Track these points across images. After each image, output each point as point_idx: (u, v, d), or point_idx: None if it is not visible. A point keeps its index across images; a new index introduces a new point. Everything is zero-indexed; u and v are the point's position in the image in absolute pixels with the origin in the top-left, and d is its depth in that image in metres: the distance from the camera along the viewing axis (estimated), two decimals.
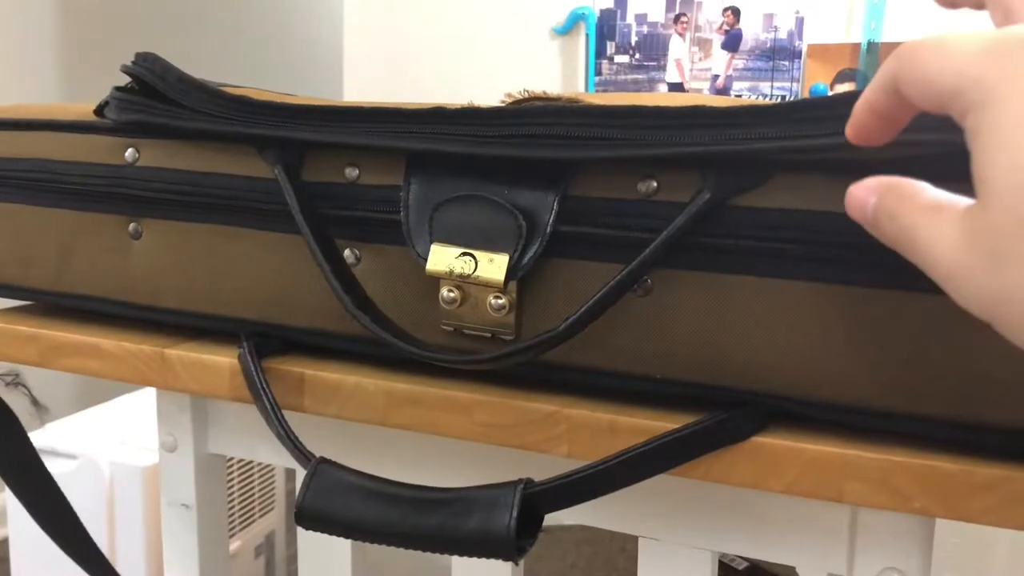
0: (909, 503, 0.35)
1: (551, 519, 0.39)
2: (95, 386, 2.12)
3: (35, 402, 0.54)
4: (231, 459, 1.32)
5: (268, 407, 0.44)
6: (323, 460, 0.40)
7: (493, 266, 0.41)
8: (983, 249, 0.26)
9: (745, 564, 0.87)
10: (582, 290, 0.40)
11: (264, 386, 0.44)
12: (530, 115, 0.40)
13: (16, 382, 0.51)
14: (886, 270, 0.35)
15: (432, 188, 0.43)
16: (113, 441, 1.30)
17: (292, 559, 1.57)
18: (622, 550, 0.95)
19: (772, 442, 0.37)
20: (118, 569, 1.31)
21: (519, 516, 0.36)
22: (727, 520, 0.44)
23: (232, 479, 1.37)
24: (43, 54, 2.16)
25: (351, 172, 0.45)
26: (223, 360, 0.48)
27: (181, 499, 0.58)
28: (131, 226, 0.50)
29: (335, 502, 0.39)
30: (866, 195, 0.31)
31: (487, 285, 0.41)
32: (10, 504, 1.27)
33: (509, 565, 0.51)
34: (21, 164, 0.53)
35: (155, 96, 0.47)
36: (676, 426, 0.38)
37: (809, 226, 0.36)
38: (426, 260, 0.42)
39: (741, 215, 0.37)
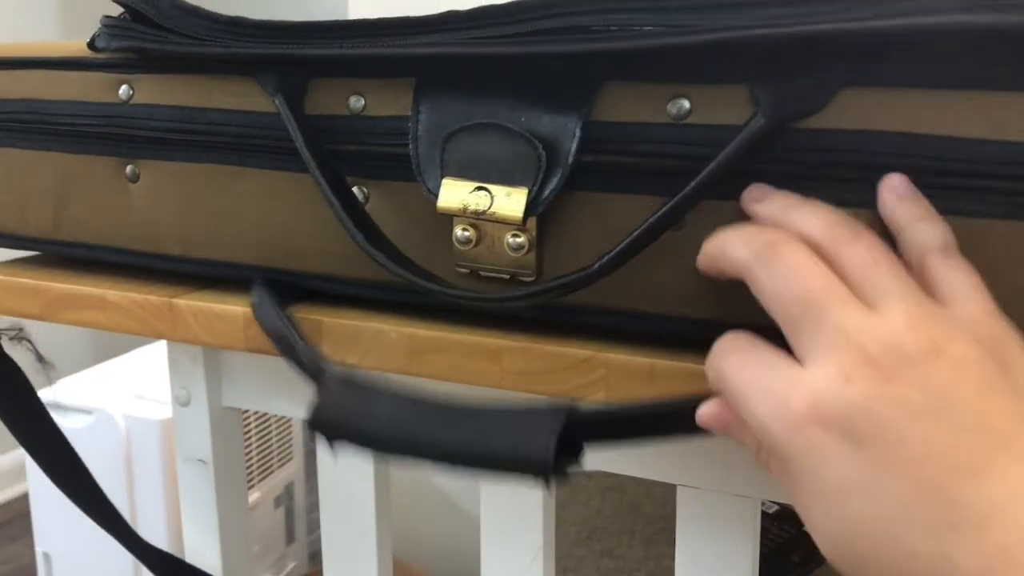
0: None
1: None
2: (103, 341, 2.12)
3: (40, 358, 0.52)
4: (247, 411, 1.31)
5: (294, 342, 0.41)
6: (348, 374, 0.38)
7: (510, 201, 0.37)
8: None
9: (776, 507, 0.85)
10: (609, 226, 0.37)
11: (291, 327, 0.42)
12: (545, 6, 0.36)
13: (20, 336, 0.49)
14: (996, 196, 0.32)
15: (443, 117, 0.39)
16: (128, 395, 1.29)
17: (312, 508, 1.57)
18: (648, 495, 0.93)
19: None
20: (138, 523, 1.32)
21: (559, 442, 0.33)
22: None
23: (250, 430, 1.36)
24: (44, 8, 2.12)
25: (356, 102, 0.41)
26: (236, 309, 0.45)
27: (197, 454, 0.56)
28: (128, 168, 0.47)
29: (357, 410, 0.36)
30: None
31: (504, 222, 0.38)
32: (29, 459, 1.26)
33: (540, 514, 0.49)
34: (12, 105, 0.50)
35: (147, 24, 0.44)
36: None
37: (876, 148, 0.33)
38: (437, 196, 0.39)
39: (799, 136, 0.34)
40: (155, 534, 1.26)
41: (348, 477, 0.53)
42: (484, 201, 0.38)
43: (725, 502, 0.44)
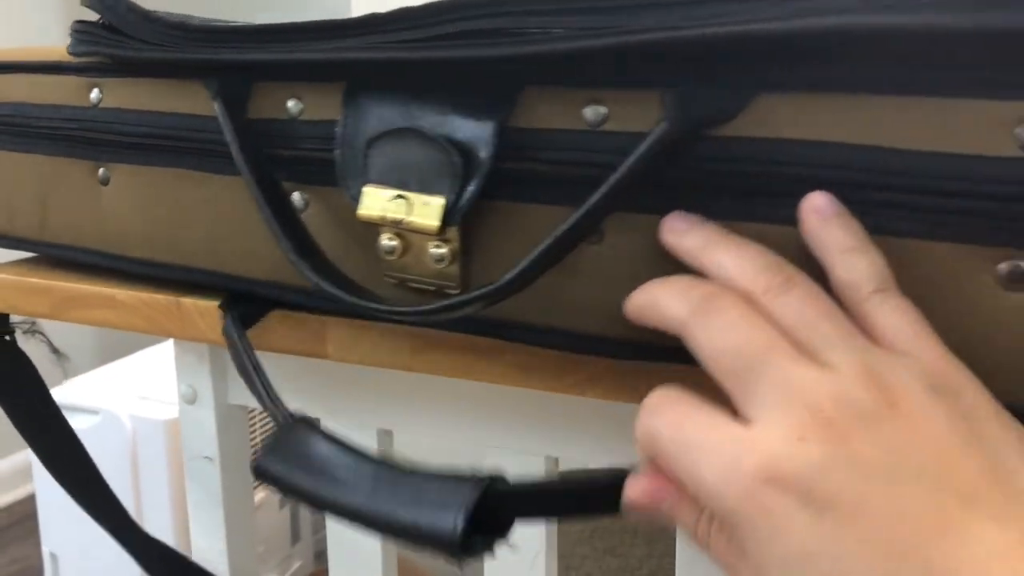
0: None
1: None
2: (109, 343, 2.13)
3: (55, 351, 0.53)
4: (253, 409, 1.32)
5: (257, 382, 0.42)
6: (302, 420, 0.38)
7: (428, 210, 0.36)
8: None
9: None
10: (531, 237, 0.35)
11: (253, 363, 0.43)
12: (463, 8, 0.35)
13: (33, 330, 0.50)
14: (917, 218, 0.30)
15: (367, 122, 0.38)
16: (134, 396, 1.30)
17: None
18: None
19: None
20: (144, 523, 1.32)
21: (469, 519, 0.32)
22: None
23: (255, 430, 1.37)
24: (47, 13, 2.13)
25: (294, 106, 0.41)
26: None
27: (203, 452, 0.57)
28: (100, 171, 0.49)
29: (294, 463, 0.37)
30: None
31: (422, 231, 0.36)
32: (35, 460, 1.26)
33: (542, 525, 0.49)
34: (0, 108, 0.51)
35: (112, 29, 0.45)
36: None
37: (800, 160, 0.31)
38: (359, 203, 0.38)
39: (713, 145, 0.32)
40: (161, 533, 1.26)
41: None
42: (402, 209, 0.37)
43: None
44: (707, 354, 0.29)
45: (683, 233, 0.32)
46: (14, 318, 0.55)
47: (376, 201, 0.37)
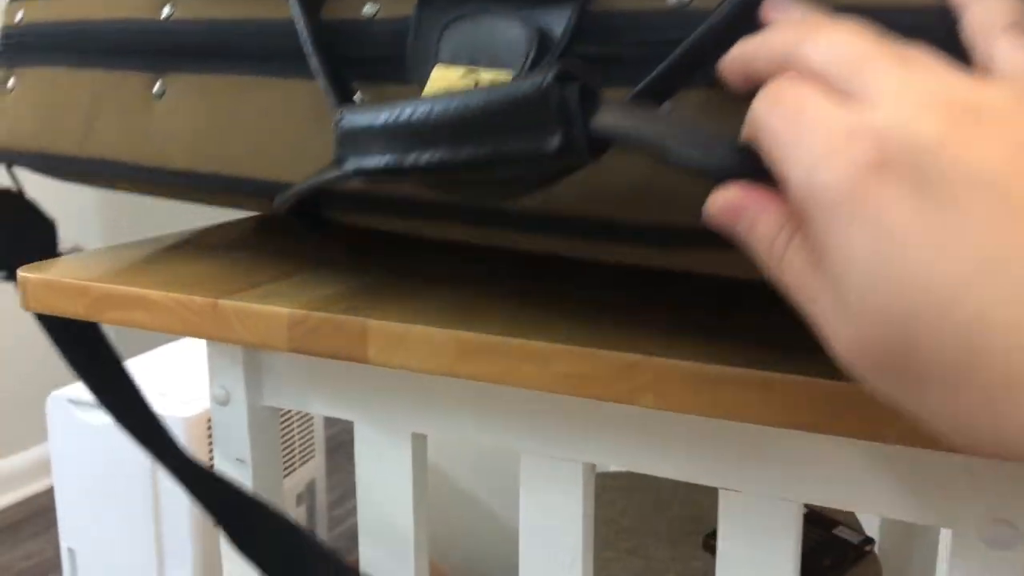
0: None
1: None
2: (120, 342, 2.13)
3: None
4: (285, 412, 1.32)
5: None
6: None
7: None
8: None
9: (805, 510, 0.85)
10: None
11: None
12: None
13: None
14: None
15: (443, 12, 0.39)
16: (153, 393, 1.30)
17: (333, 506, 1.57)
18: (674, 496, 0.93)
19: None
20: (163, 519, 1.32)
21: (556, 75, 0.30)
22: (815, 468, 0.42)
23: (285, 432, 1.37)
24: None
25: (370, 8, 0.42)
26: (280, 311, 0.45)
27: (236, 454, 0.57)
28: (157, 85, 0.49)
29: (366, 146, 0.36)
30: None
31: None
32: (54, 453, 1.27)
33: (580, 512, 0.49)
34: (66, 27, 0.52)
35: None
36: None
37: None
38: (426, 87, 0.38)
39: None
40: (179, 530, 1.27)
41: (386, 484, 0.53)
42: (469, 86, 0.36)
43: (767, 505, 0.44)
44: (820, 59, 0.27)
45: (775, 23, 0.30)
46: None
47: (442, 81, 0.37)
